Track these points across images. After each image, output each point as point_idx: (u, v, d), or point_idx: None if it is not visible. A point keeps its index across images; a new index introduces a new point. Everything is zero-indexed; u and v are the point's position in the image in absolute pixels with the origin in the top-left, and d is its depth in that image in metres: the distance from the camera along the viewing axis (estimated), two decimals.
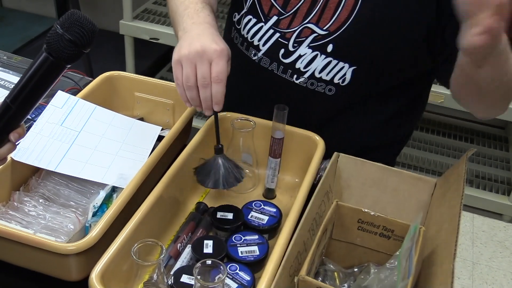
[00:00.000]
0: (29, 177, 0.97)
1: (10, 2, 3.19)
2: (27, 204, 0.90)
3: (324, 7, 1.03)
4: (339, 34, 1.03)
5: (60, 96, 1.05)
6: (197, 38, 0.94)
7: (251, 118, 1.05)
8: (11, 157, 0.91)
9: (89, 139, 1.02)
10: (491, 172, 2.48)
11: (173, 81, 1.00)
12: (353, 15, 1.01)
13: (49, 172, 0.96)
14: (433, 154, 2.59)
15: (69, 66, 0.72)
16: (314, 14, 1.04)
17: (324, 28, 1.04)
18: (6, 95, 0.72)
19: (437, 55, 1.04)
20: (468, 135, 2.73)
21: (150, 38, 2.43)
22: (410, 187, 0.96)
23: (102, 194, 0.92)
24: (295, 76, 1.09)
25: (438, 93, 2.18)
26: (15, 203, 0.90)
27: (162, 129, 1.13)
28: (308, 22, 1.05)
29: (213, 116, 0.97)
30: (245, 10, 1.12)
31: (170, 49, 2.95)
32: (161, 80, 1.19)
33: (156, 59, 2.92)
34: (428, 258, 0.80)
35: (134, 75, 1.18)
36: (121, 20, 2.43)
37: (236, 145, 1.05)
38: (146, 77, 1.18)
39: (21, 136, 0.75)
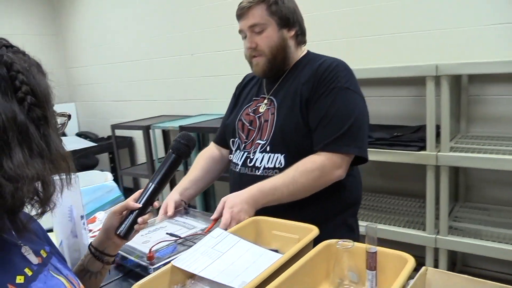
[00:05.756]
0: (180, 280, 0.93)
1: None
2: None
3: (261, 130, 1.41)
4: (270, 140, 1.38)
5: (217, 231, 1.06)
6: None
7: (348, 240, 0.92)
8: (171, 263, 0.92)
9: (228, 258, 0.97)
10: None
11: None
12: (273, 129, 1.37)
13: (200, 278, 0.92)
14: None
15: (183, 160, 0.96)
16: (258, 134, 1.41)
17: (263, 139, 1.39)
18: (150, 180, 0.94)
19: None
20: None
21: None
22: None
23: None
24: (256, 171, 1.37)
25: None
26: None
27: None
28: (257, 140, 1.41)
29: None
30: (232, 149, 1.50)
31: None
32: (291, 222, 1.12)
33: None
34: None
35: (274, 218, 1.13)
36: None
37: (341, 263, 0.91)
38: (281, 220, 1.13)
39: (156, 206, 0.92)
